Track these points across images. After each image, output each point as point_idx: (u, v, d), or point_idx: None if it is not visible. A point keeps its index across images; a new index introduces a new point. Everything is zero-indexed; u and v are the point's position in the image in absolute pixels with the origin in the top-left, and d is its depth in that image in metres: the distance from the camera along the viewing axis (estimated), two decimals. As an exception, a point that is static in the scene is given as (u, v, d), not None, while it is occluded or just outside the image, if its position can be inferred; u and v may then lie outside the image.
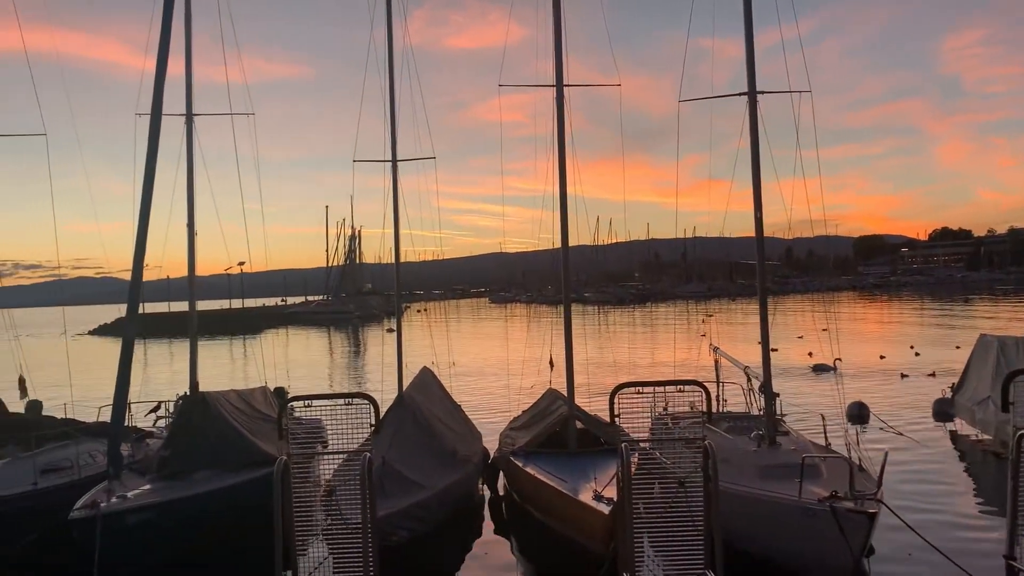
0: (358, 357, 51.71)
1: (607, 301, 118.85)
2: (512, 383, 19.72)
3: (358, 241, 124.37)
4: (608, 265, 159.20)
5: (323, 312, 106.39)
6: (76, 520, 9.77)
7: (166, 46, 12.79)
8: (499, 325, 79.69)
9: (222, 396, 14.33)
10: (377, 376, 34.49)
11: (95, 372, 36.46)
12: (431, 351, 22.20)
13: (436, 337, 25.92)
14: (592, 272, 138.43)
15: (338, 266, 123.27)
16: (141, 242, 12.22)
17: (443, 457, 13.17)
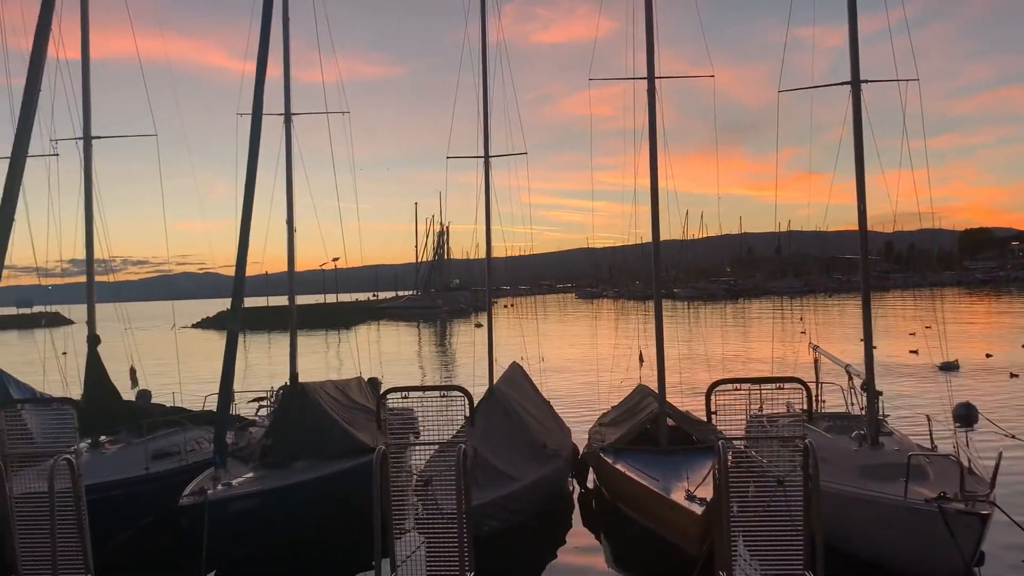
0: (446, 351, 52.40)
1: (697, 297, 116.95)
2: (601, 379, 19.62)
3: (446, 237, 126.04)
4: (698, 260, 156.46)
5: (412, 307, 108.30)
6: (185, 506, 10.22)
7: (265, 49, 13.20)
8: (586, 321, 79.44)
9: (320, 387, 14.76)
10: (466, 370, 34.89)
11: (199, 363, 38.08)
12: (519, 346, 22.30)
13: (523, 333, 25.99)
14: (682, 267, 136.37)
15: (427, 262, 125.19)
16: (244, 239, 12.67)
17: (533, 451, 13.22)
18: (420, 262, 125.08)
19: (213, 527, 9.89)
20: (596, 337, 44.96)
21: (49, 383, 17.49)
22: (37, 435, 8.58)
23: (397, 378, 29.21)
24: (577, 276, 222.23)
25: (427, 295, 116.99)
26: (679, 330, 51.99)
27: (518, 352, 18.08)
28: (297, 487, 11.74)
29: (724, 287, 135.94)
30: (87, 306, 15.52)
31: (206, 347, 56.11)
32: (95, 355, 15.01)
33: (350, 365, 34.73)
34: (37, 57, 12.23)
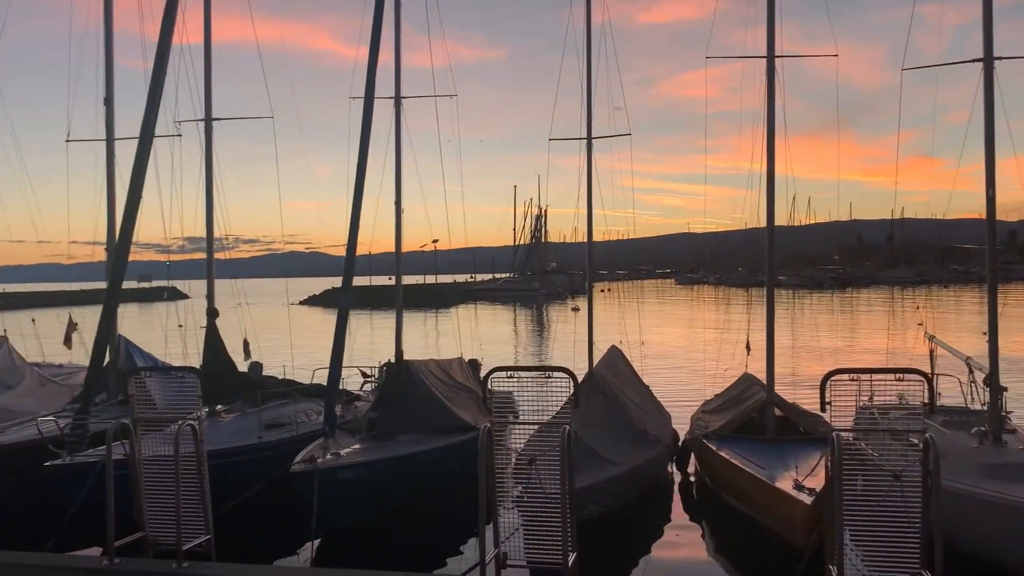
0: (543, 334, 52.55)
1: (804, 285, 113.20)
2: (703, 366, 19.29)
3: (544, 220, 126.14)
4: (805, 247, 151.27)
5: (509, 289, 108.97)
6: (296, 473, 10.66)
7: (378, 34, 13.46)
8: (686, 307, 78.19)
9: (423, 365, 15.07)
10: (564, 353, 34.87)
11: (306, 338, 39.41)
12: (618, 331, 22.15)
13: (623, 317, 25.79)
14: (788, 254, 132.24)
15: (524, 245, 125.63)
16: (355, 219, 13.01)
17: (634, 436, 13.15)
18: (518, 245, 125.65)
19: (322, 494, 10.27)
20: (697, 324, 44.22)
21: (170, 353, 18.47)
22: (159, 402, 9.08)
23: (495, 360, 29.45)
24: (677, 262, 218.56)
25: (524, 278, 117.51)
26: (785, 319, 50.54)
27: (616, 337, 17.93)
28: (401, 460, 12.06)
29: (832, 276, 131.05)
30: (207, 282, 16.26)
31: (313, 323, 58.04)
32: (213, 328, 15.74)
33: (449, 345, 35.30)
34: (164, 43, 12.86)
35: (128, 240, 12.56)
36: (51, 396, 17.01)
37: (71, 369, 21.09)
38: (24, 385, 17.66)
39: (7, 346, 20.63)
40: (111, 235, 16.78)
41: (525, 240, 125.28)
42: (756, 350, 15.10)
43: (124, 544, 7.88)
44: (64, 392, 17.17)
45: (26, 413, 15.19)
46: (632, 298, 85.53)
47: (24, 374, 18.20)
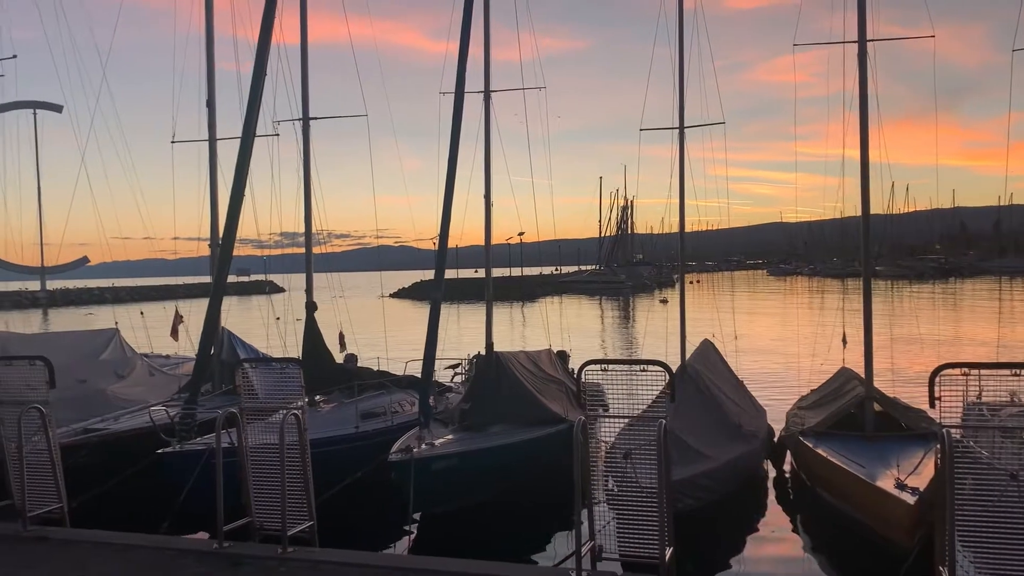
0: (629, 326, 52.17)
1: (903, 275, 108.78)
2: (798, 360, 18.80)
3: (631, 211, 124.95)
4: (904, 236, 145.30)
5: (595, 281, 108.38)
6: (394, 463, 10.92)
7: (468, 28, 13.60)
8: (779, 298, 76.26)
9: (513, 357, 15.18)
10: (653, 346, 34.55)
11: (396, 330, 40.19)
12: (709, 323, 21.80)
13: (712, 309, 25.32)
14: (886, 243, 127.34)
15: (610, 236, 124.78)
16: (447, 212, 13.22)
17: (728, 430, 12.96)
18: (603, 236, 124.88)
19: (418, 483, 10.51)
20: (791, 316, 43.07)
21: (270, 346, 19.14)
22: (261, 392, 9.42)
23: (583, 352, 29.45)
24: (768, 252, 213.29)
25: (610, 270, 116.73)
26: (883, 311, 48.79)
27: (708, 329, 17.65)
28: (493, 450, 12.22)
29: (933, 265, 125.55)
30: (306, 276, 16.79)
31: (403, 315, 59.18)
32: (312, 320, 16.24)
33: (536, 337, 35.40)
34: (263, 45, 13.30)
35: (232, 237, 13.09)
36: (160, 386, 17.85)
37: (177, 360, 22.09)
38: (135, 375, 18.56)
39: (118, 338, 21.74)
40: (214, 232, 17.50)
41: (611, 231, 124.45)
42: (853, 343, 14.65)
43: (232, 529, 8.22)
44: (171, 382, 17.99)
45: (137, 402, 16.01)
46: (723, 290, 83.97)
47: (135, 364, 19.13)
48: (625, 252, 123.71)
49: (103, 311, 66.40)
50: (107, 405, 15.51)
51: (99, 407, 15.17)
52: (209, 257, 18.21)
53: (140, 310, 25.68)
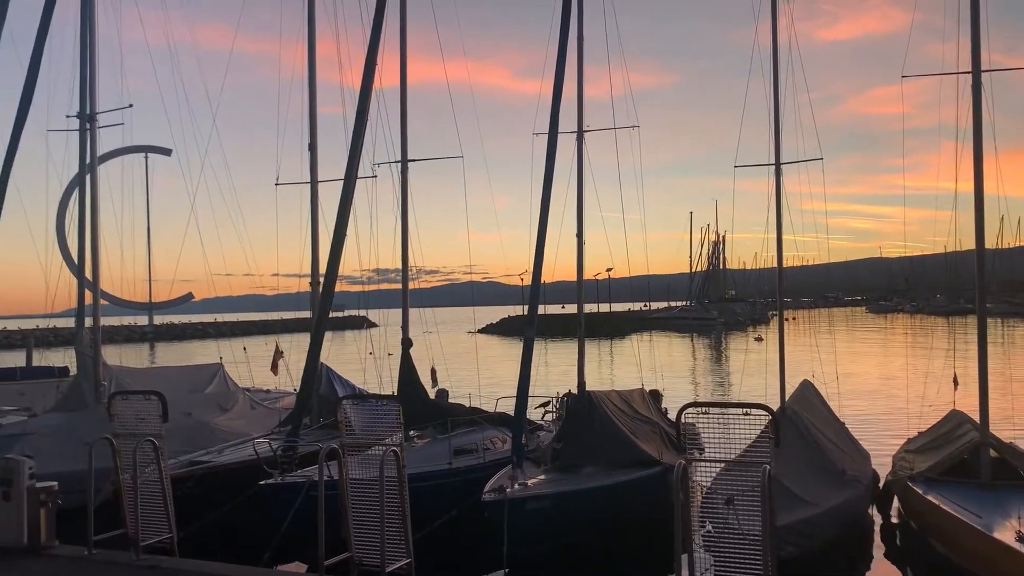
0: (723, 364, 51.03)
1: (1015, 313, 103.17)
2: (904, 402, 18.01)
3: (722, 247, 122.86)
4: (1016, 272, 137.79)
5: (686, 318, 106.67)
6: (487, 502, 10.93)
7: (562, 70, 13.80)
8: (880, 337, 73.39)
9: (606, 396, 15.06)
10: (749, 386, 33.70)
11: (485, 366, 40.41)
12: (807, 363, 21.13)
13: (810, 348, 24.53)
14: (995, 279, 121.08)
15: (701, 272, 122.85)
16: (540, 250, 13.33)
17: (831, 475, 12.49)
18: (694, 272, 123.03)
19: (512, 523, 10.48)
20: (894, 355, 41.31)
21: (367, 381, 19.53)
22: (359, 427, 9.61)
23: (676, 391, 28.95)
24: (867, 288, 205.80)
25: (701, 306, 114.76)
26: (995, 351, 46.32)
27: (806, 369, 17.10)
28: (587, 492, 12.11)
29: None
30: (402, 312, 17.14)
31: (492, 351, 59.49)
32: (407, 357, 16.53)
33: (626, 375, 35.02)
34: (366, 91, 13.80)
35: (333, 277, 13.52)
36: (260, 419, 18.42)
37: (277, 394, 22.78)
38: (237, 408, 19.24)
39: (223, 372, 22.62)
40: (314, 270, 18.08)
41: (702, 267, 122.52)
42: (963, 384, 13.97)
43: (332, 563, 8.35)
44: (272, 415, 18.53)
45: (239, 434, 16.56)
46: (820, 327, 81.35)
47: (237, 398, 19.84)
48: (717, 288, 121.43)
49: (206, 345, 69.19)
50: (211, 437, 16.09)
51: (204, 439, 15.75)
52: (306, 293, 18.82)
53: (243, 345, 26.61)
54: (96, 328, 17.90)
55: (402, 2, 16.43)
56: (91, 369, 17.46)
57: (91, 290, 18.03)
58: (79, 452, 14.07)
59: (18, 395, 20.69)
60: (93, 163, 17.97)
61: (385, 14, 14.45)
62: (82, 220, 18.11)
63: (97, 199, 17.86)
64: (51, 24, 16.81)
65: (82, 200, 18.16)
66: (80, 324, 18.66)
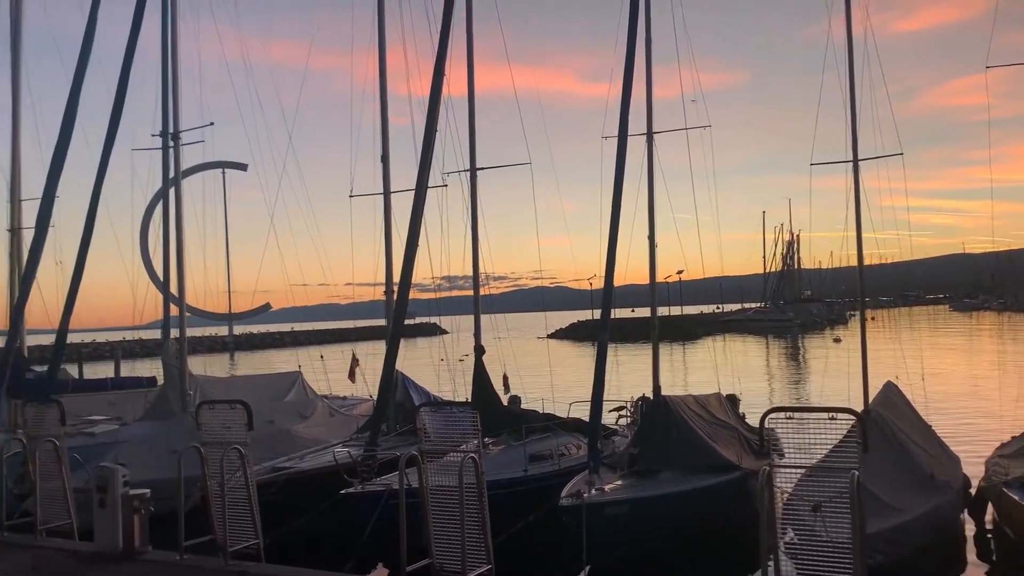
0: (800, 367, 49.83)
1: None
2: (995, 404, 17.31)
3: (796, 246, 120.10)
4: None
5: (761, 319, 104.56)
6: (565, 507, 10.91)
7: (631, 72, 13.70)
8: (966, 336, 70.64)
9: (681, 401, 14.89)
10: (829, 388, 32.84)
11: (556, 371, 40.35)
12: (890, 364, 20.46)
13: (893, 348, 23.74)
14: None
15: (775, 272, 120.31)
16: (611, 254, 13.26)
17: (919, 480, 12.07)
18: (768, 272, 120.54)
19: (591, 529, 10.43)
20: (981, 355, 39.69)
21: (440, 387, 19.72)
22: (436, 434, 9.69)
23: (753, 395, 28.39)
24: (950, 286, 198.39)
25: (776, 307, 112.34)
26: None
27: (887, 371, 16.53)
28: (666, 498, 11.98)
29: None
30: (474, 319, 17.26)
31: (563, 356, 59.35)
32: (481, 364, 16.63)
33: (700, 379, 34.50)
34: (434, 102, 13.96)
35: (407, 285, 13.70)
36: (338, 426, 18.76)
37: (353, 401, 23.19)
38: (316, 416, 19.63)
39: (301, 380, 23.16)
40: (388, 279, 18.38)
41: (776, 267, 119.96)
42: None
43: (413, 570, 8.43)
44: (349, 423, 18.86)
45: (318, 441, 16.90)
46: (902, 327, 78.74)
47: (316, 406, 20.25)
48: (792, 289, 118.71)
49: (282, 354, 70.92)
50: (292, 445, 16.46)
51: (285, 447, 16.12)
52: (379, 302, 19.13)
53: (320, 354, 27.17)
54: (182, 340, 18.52)
55: (468, 12, 16.57)
56: (177, 379, 18.07)
57: (176, 304, 18.67)
58: (167, 460, 14.65)
59: (108, 405, 21.49)
60: (177, 181, 18.64)
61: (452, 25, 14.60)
62: (166, 236, 18.80)
63: (182, 216, 18.52)
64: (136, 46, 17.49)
65: (166, 217, 18.84)
66: (166, 336, 19.34)
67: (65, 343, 17.44)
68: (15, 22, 21.63)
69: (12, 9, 21.68)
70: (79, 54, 17.39)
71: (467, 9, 16.48)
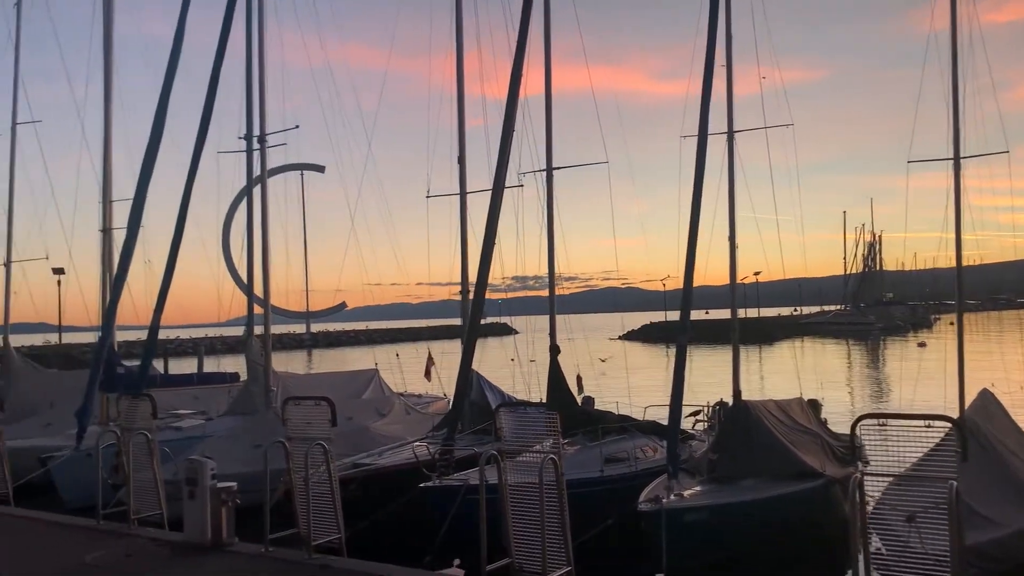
0: (882, 372, 48.27)
1: None
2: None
3: (879, 247, 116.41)
4: None
5: (840, 323, 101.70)
6: (644, 512, 10.78)
7: (711, 71, 13.46)
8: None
9: (762, 406, 14.55)
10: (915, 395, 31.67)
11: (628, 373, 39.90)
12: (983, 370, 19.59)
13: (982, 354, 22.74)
14: None
15: (856, 274, 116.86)
16: (691, 254, 13.07)
17: (1019, 493, 11.50)
18: (848, 274, 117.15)
19: (670, 534, 10.28)
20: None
21: (515, 387, 19.75)
22: (510, 433, 9.68)
23: (835, 401, 27.57)
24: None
25: (857, 310, 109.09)
26: None
27: (981, 377, 15.78)
28: (747, 505, 11.73)
29: None
30: (549, 320, 17.24)
31: (635, 358, 58.77)
32: (556, 364, 16.60)
33: (777, 383, 33.70)
34: (512, 103, 13.98)
35: (484, 285, 13.76)
36: (415, 424, 18.98)
37: (428, 399, 23.45)
38: (393, 413, 19.90)
39: (378, 378, 23.54)
40: (464, 278, 18.50)
41: (856, 268, 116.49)
42: None
43: (493, 569, 8.44)
44: (425, 421, 19.06)
45: (396, 438, 17.12)
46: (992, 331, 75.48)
47: (393, 403, 20.54)
48: (873, 291, 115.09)
49: (356, 352, 72.18)
50: (371, 441, 16.72)
51: (364, 443, 16.39)
52: (451, 300, 19.35)
53: (396, 352, 27.53)
54: (266, 337, 19.00)
55: (546, 13, 16.54)
56: (261, 376, 18.55)
57: (261, 305, 19.16)
58: (250, 454, 15.06)
59: (193, 399, 22.23)
60: (263, 182, 19.13)
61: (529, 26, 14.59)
62: (251, 236, 19.31)
63: (267, 217, 18.97)
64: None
65: (250, 218, 19.37)
66: (250, 334, 19.88)
67: (156, 340, 18.08)
68: (107, 29, 22.54)
69: (104, 16, 22.62)
70: (168, 60, 18.01)
71: (545, 10, 16.47)
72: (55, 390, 21.99)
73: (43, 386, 22.95)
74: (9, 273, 25.14)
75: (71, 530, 11.73)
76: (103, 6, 22.50)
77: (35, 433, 18.46)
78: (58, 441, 17.14)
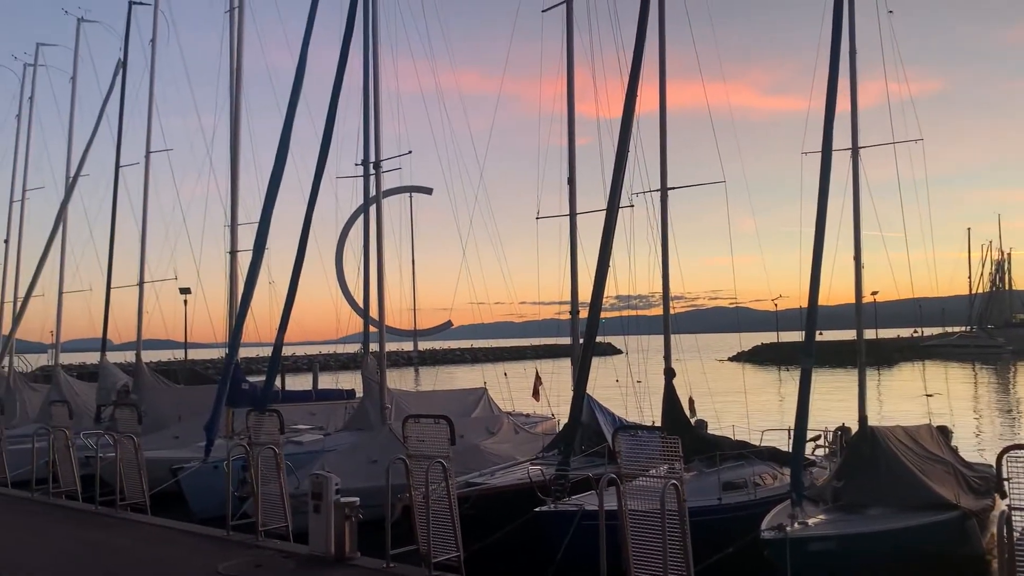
0: (1014, 398, 45.34)
1: None
2: None
3: (1008, 265, 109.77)
4: None
5: (966, 345, 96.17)
6: (768, 540, 10.43)
7: (834, 88, 13.05)
8: None
9: (890, 432, 13.90)
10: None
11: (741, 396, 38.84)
12: None
13: None
14: None
15: (983, 293, 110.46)
16: (816, 275, 12.64)
17: None
18: (974, 294, 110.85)
19: (795, 564, 9.92)
20: None
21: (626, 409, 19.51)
22: (627, 457, 9.54)
23: (964, 428, 26.09)
24: None
25: (984, 332, 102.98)
26: None
27: None
28: (875, 536, 11.22)
29: None
30: (664, 341, 16.97)
31: (747, 380, 57.20)
32: (671, 387, 16.32)
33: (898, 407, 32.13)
34: (626, 124, 13.92)
35: (598, 307, 13.70)
36: (524, 443, 19.00)
37: (536, 419, 23.43)
38: (503, 432, 20.01)
39: (487, 396, 23.72)
40: (574, 298, 18.50)
41: (983, 288, 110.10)
42: None
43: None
44: (534, 440, 19.05)
45: (506, 458, 17.17)
46: None
47: (502, 422, 20.65)
48: (1002, 311, 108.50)
49: (462, 370, 73.06)
50: (481, 460, 16.82)
51: (474, 462, 16.50)
52: (555, 319, 19.26)
53: (503, 371, 27.73)
54: (382, 356, 19.46)
55: (661, 31, 16.40)
56: (377, 393, 19.00)
57: (376, 325, 19.65)
58: (367, 469, 15.42)
59: (309, 415, 22.94)
60: (379, 205, 19.71)
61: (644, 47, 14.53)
62: (367, 258, 19.89)
63: (382, 240, 19.51)
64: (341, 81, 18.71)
65: (367, 240, 19.94)
66: (366, 351, 20.41)
67: (280, 357, 18.80)
68: (235, 62, 23.76)
69: (232, 50, 23.87)
70: (291, 91, 18.85)
71: (660, 29, 16.34)
72: (182, 404, 23.14)
73: (171, 400, 24.16)
74: (142, 293, 26.60)
75: (202, 539, 12.29)
76: (231, 41, 23.78)
77: (165, 445, 19.42)
78: (186, 453, 17.99)
